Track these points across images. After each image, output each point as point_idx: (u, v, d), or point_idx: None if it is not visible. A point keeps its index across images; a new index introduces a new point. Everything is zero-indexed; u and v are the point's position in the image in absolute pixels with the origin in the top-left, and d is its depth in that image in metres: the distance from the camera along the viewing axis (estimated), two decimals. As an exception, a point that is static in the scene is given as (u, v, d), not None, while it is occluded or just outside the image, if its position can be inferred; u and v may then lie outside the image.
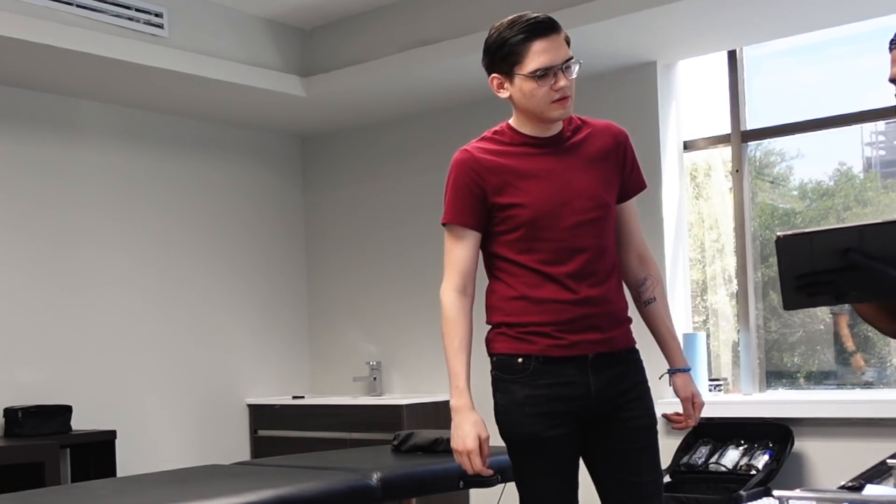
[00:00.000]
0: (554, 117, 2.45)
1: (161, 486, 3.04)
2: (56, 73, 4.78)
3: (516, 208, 2.43)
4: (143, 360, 5.40)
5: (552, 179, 2.45)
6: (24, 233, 4.99)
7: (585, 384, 2.43)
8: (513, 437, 2.47)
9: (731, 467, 4.42)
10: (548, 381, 2.42)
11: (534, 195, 2.43)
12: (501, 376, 2.46)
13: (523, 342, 2.43)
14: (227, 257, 5.87)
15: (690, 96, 5.12)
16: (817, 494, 1.40)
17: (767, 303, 4.96)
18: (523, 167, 2.46)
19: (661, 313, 2.60)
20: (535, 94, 2.41)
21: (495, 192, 2.44)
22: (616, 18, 4.34)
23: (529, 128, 2.49)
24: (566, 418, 2.43)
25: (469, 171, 2.46)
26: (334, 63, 5.38)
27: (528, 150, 2.48)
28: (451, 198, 2.48)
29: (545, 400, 2.42)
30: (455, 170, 2.49)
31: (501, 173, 2.45)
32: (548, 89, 2.41)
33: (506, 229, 2.46)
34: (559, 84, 2.42)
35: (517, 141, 2.49)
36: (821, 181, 4.99)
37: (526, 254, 2.45)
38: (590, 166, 2.49)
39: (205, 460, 5.24)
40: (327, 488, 2.99)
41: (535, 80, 2.40)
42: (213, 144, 5.85)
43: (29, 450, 4.38)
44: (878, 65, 4.94)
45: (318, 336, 6.27)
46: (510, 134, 2.51)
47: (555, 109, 2.44)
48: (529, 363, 2.43)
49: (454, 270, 2.48)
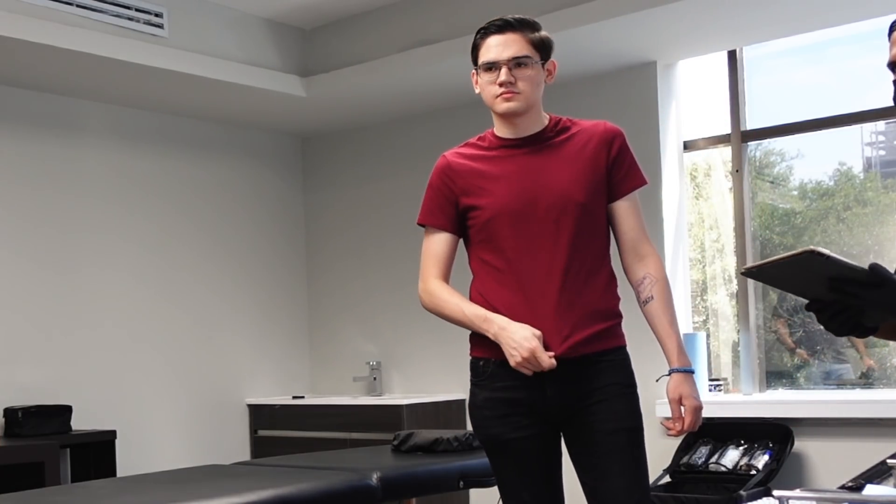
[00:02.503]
0: (499, 110, 2.52)
1: (161, 486, 3.04)
2: (56, 73, 4.78)
3: (477, 210, 2.52)
4: (143, 359, 5.40)
5: (518, 180, 2.51)
6: (23, 233, 4.99)
7: (540, 388, 2.44)
8: (480, 438, 2.55)
9: (731, 467, 4.42)
10: (505, 384, 2.46)
11: (495, 196, 2.50)
12: (471, 379, 2.54)
13: (482, 346, 2.49)
14: (227, 257, 5.87)
15: (690, 96, 5.12)
16: (817, 494, 1.40)
17: (767, 303, 4.96)
18: (490, 170, 2.54)
19: (657, 312, 2.55)
20: (485, 87, 2.53)
21: (463, 194, 2.55)
22: (616, 18, 4.34)
23: (503, 129, 2.57)
24: (531, 420, 2.46)
25: (441, 174, 2.59)
26: (334, 63, 5.38)
27: (503, 152, 2.55)
28: (426, 200, 2.62)
29: (503, 403, 2.47)
30: (433, 175, 2.62)
31: (469, 177, 2.55)
32: (493, 83, 2.50)
33: (473, 232, 2.55)
34: (500, 78, 2.49)
35: (495, 144, 2.57)
36: (821, 181, 4.99)
37: (490, 254, 2.52)
38: (566, 165, 2.51)
39: (205, 460, 5.24)
40: (327, 488, 2.99)
41: (484, 73, 2.53)
42: (213, 144, 5.85)
43: (29, 450, 4.38)
44: (879, 65, 4.94)
45: (318, 336, 6.27)
46: (490, 139, 2.60)
47: (499, 103, 2.51)
48: (489, 366, 2.48)
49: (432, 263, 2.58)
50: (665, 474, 4.56)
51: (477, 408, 2.52)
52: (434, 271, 2.57)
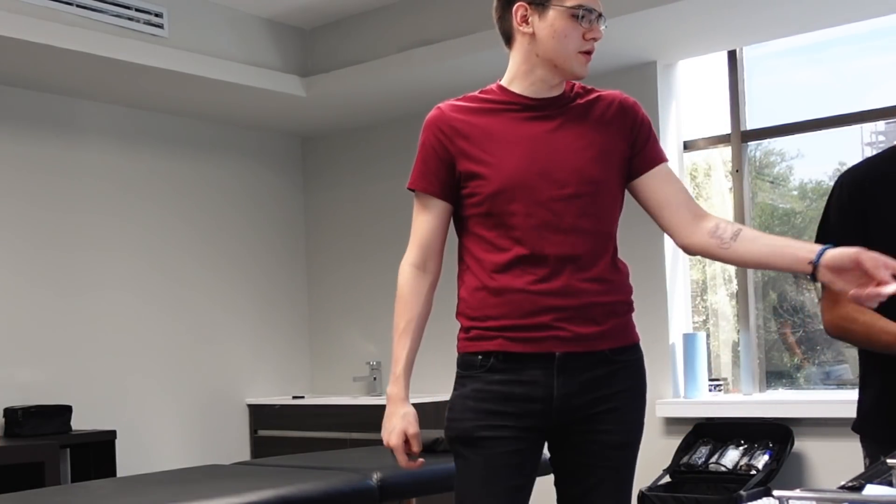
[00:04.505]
0: (578, 72, 2.16)
1: (161, 486, 3.04)
2: (56, 73, 4.78)
3: (480, 179, 2.14)
4: (143, 359, 5.40)
5: (531, 147, 2.14)
6: (23, 233, 4.99)
7: (548, 386, 2.12)
8: (449, 434, 2.21)
9: (731, 467, 4.42)
10: (503, 378, 2.13)
11: (502, 163, 2.13)
12: (459, 373, 2.22)
13: (483, 339, 2.15)
14: (227, 257, 5.87)
15: (690, 96, 5.12)
16: (817, 494, 1.40)
17: (767, 303, 4.96)
18: (499, 129, 2.16)
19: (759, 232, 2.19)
20: (570, 35, 2.11)
21: (462, 156, 2.16)
22: (616, 18, 4.34)
23: (528, 85, 2.19)
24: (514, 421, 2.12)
25: (437, 131, 2.19)
26: (334, 63, 5.38)
27: (515, 112, 2.18)
28: (418, 161, 2.23)
29: (493, 396, 2.13)
30: (424, 131, 2.23)
31: (471, 135, 2.16)
32: (580, 36, 2.12)
33: (472, 204, 2.17)
34: (594, 34, 2.13)
35: (504, 100, 2.19)
36: (821, 181, 4.99)
37: (493, 233, 2.15)
38: (586, 135, 2.17)
39: (205, 460, 5.24)
40: (327, 488, 2.99)
41: (574, 20, 2.10)
42: (213, 144, 5.85)
43: (29, 450, 4.38)
44: (879, 65, 4.96)
45: (318, 336, 6.27)
46: (498, 93, 2.21)
47: (581, 63, 2.15)
48: (488, 360, 2.15)
49: (415, 243, 2.24)
50: (665, 474, 4.56)
51: (462, 398, 2.17)
52: (415, 255, 2.23)
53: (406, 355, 2.20)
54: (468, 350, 2.20)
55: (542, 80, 2.18)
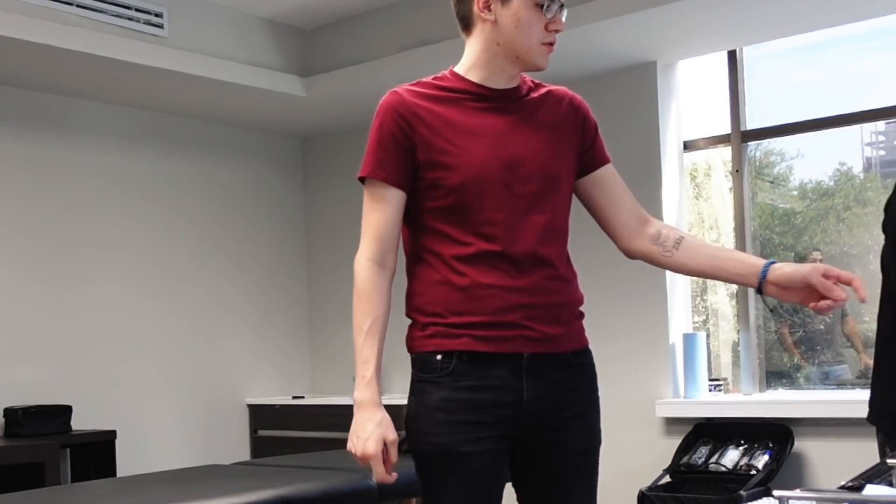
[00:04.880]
0: (539, 64, 2.08)
1: (161, 486, 3.04)
2: (56, 73, 4.78)
3: (445, 170, 2.03)
4: (143, 360, 5.40)
5: (496, 140, 2.05)
6: (23, 232, 4.99)
7: (517, 390, 2.01)
8: (421, 448, 2.06)
9: (731, 467, 4.42)
10: (471, 384, 2.00)
11: (469, 155, 2.03)
12: (419, 376, 2.08)
13: (445, 337, 2.03)
14: (227, 257, 5.87)
15: (690, 96, 5.12)
16: (817, 494, 1.40)
17: (767, 303, 4.96)
18: (460, 119, 2.06)
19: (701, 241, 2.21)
20: (533, 26, 2.04)
21: (424, 146, 2.04)
22: (616, 18, 4.34)
23: (487, 75, 2.10)
24: (491, 431, 2.01)
25: (397, 116, 2.06)
26: (334, 63, 5.38)
27: (472, 102, 2.08)
28: (373, 147, 2.09)
29: (465, 406, 2.00)
30: (380, 115, 2.08)
31: (433, 124, 2.05)
32: (543, 27, 2.05)
33: (433, 195, 2.05)
34: (557, 25, 2.06)
35: (460, 88, 2.10)
36: (821, 181, 4.99)
37: (456, 227, 2.04)
38: (543, 131, 2.10)
39: (205, 460, 5.24)
40: (327, 488, 2.99)
41: (538, 10, 2.04)
42: (213, 144, 5.85)
43: (29, 450, 4.38)
44: (879, 65, 4.96)
45: (319, 336, 6.27)
46: (454, 80, 2.12)
47: (543, 55, 2.08)
48: (450, 361, 2.01)
49: (372, 236, 2.08)
50: (665, 474, 4.56)
51: (429, 409, 2.02)
52: (373, 248, 2.08)
53: (375, 357, 2.04)
54: (426, 349, 2.06)
55: (502, 70, 2.10)
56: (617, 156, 5.75)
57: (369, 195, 2.11)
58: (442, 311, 2.04)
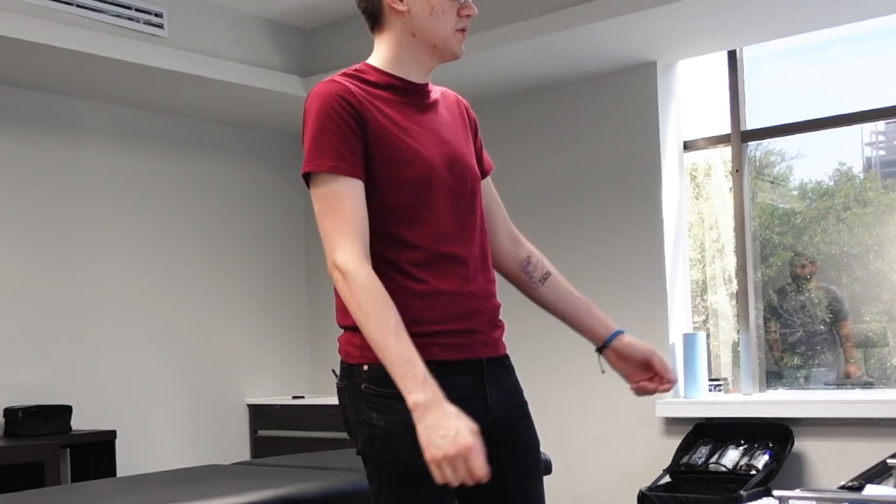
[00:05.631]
0: (456, 52, 2.01)
1: (161, 486, 3.04)
2: (56, 73, 4.78)
3: (397, 166, 1.90)
4: (143, 359, 5.40)
5: (433, 137, 1.97)
6: (23, 232, 4.99)
7: (482, 396, 1.94)
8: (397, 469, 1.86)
9: (731, 467, 4.42)
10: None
11: (417, 152, 1.92)
12: (380, 391, 1.86)
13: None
14: (228, 258, 5.87)
15: (690, 96, 5.12)
16: (817, 494, 1.40)
17: (767, 303, 4.96)
18: (399, 116, 1.95)
19: (566, 284, 2.14)
20: (447, 13, 1.97)
21: (374, 142, 1.89)
22: (616, 18, 4.34)
23: (406, 69, 2.01)
24: None
25: (345, 103, 1.89)
26: (334, 63, 5.38)
27: (400, 97, 1.98)
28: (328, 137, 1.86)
29: None
30: (324, 103, 1.89)
31: (380, 117, 1.91)
32: (455, 13, 1.99)
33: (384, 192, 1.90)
34: (469, 10, 2.00)
35: (386, 83, 1.99)
36: (821, 181, 4.99)
37: (406, 226, 1.91)
38: (456, 130, 2.05)
39: (205, 460, 5.24)
40: (327, 488, 2.99)
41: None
42: (213, 144, 5.85)
43: (29, 450, 4.38)
44: (878, 65, 4.96)
45: (318, 336, 6.27)
46: (377, 74, 2.00)
47: (459, 42, 2.01)
48: None
49: (351, 232, 1.84)
50: (665, 474, 4.56)
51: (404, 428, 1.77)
52: (358, 243, 1.84)
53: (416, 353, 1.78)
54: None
55: (421, 63, 2.02)
56: (617, 156, 5.77)
57: (330, 192, 1.86)
58: (405, 322, 1.82)
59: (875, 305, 4.69)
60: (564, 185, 5.12)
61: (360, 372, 1.90)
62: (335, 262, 1.84)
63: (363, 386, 1.89)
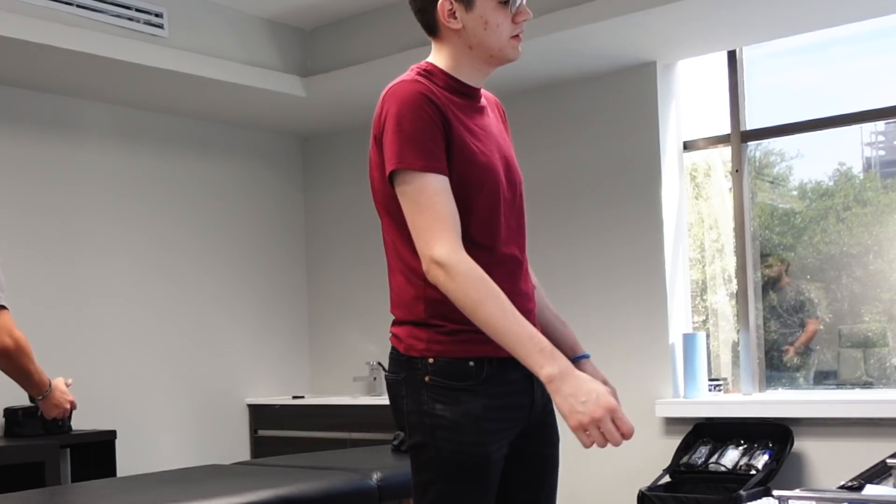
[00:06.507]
0: (512, 57, 2.06)
1: (161, 486, 3.04)
2: (56, 73, 4.78)
3: (474, 167, 1.96)
4: (143, 359, 5.40)
5: (494, 141, 2.04)
6: (23, 232, 4.99)
7: (530, 392, 2.02)
8: (460, 459, 1.93)
9: (730, 467, 4.42)
10: (500, 390, 1.97)
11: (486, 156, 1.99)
12: (448, 384, 1.94)
13: (476, 343, 1.94)
14: (228, 257, 5.87)
15: (690, 96, 5.12)
16: (817, 494, 1.40)
17: (767, 303, 4.96)
18: (467, 118, 2.01)
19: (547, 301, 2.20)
20: (501, 24, 2.01)
21: (453, 141, 1.95)
22: (616, 18, 4.34)
23: (466, 73, 2.05)
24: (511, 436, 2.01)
25: (431, 105, 1.93)
26: (334, 63, 5.39)
27: (460, 99, 2.03)
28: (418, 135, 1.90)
29: (499, 412, 1.96)
30: (411, 102, 1.93)
31: (454, 119, 1.96)
32: (510, 21, 2.03)
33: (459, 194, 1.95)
34: (524, 16, 2.05)
35: (451, 87, 2.03)
36: (820, 181, 4.99)
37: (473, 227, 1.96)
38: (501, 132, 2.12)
39: (205, 460, 5.24)
40: (327, 488, 2.99)
41: (503, 7, 2.01)
42: (213, 144, 5.85)
43: (29, 450, 4.38)
44: (878, 65, 4.96)
45: (318, 336, 6.27)
46: (442, 77, 2.03)
47: (514, 47, 2.05)
48: (482, 368, 1.95)
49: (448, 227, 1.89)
50: (665, 474, 4.56)
51: (473, 419, 1.92)
52: (455, 239, 1.88)
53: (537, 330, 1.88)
54: (457, 355, 1.96)
55: (479, 71, 2.07)
56: (617, 156, 5.78)
57: (422, 189, 1.89)
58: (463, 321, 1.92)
59: (875, 305, 4.69)
60: (564, 184, 5.12)
61: (425, 364, 1.96)
62: (433, 257, 1.87)
63: (427, 378, 1.95)
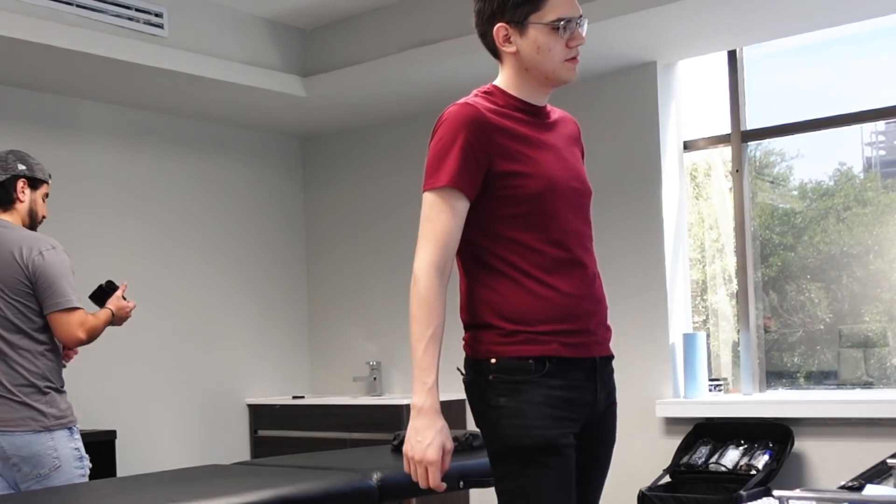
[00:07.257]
0: (567, 79, 2.18)
1: (161, 486, 3.04)
2: (56, 73, 4.78)
3: (523, 178, 2.10)
4: (143, 360, 5.40)
5: (558, 153, 2.19)
6: (24, 233, 4.99)
7: (593, 391, 2.17)
8: (527, 442, 2.08)
9: (731, 467, 4.42)
10: (561, 384, 2.11)
11: (542, 164, 2.13)
12: (509, 378, 2.10)
13: (534, 343, 2.09)
14: (228, 257, 5.87)
15: (690, 96, 5.12)
16: (817, 494, 1.40)
17: (767, 303, 4.96)
18: (528, 133, 2.16)
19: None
20: (553, 49, 2.13)
21: (502, 157, 2.10)
22: (616, 18, 4.34)
23: (526, 92, 2.20)
24: (575, 427, 2.14)
25: (478, 132, 2.09)
26: (334, 63, 5.39)
27: (527, 117, 2.18)
28: (456, 158, 2.07)
29: (562, 403, 2.10)
30: (462, 127, 2.09)
31: (509, 136, 2.12)
32: (563, 46, 2.14)
33: (509, 204, 2.11)
34: (577, 41, 2.16)
35: (512, 105, 2.18)
36: (821, 181, 4.99)
37: (532, 232, 2.12)
38: (573, 150, 2.26)
39: (205, 460, 5.24)
40: (327, 488, 2.99)
41: (555, 32, 2.12)
42: (213, 144, 5.86)
43: (29, 450, 4.37)
44: (878, 65, 4.96)
45: (318, 336, 6.27)
46: (503, 96, 2.19)
47: (569, 70, 2.17)
48: (543, 365, 2.09)
49: (438, 243, 2.08)
50: (665, 474, 4.56)
51: (533, 405, 2.06)
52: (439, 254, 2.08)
53: (436, 365, 2.09)
54: (516, 354, 2.10)
55: (537, 91, 2.21)
56: (617, 156, 5.78)
57: (440, 202, 2.09)
58: (529, 320, 2.11)
59: (875, 305, 4.69)
60: (564, 185, 5.12)
61: (488, 365, 2.12)
62: (414, 266, 2.10)
63: (491, 377, 2.12)
